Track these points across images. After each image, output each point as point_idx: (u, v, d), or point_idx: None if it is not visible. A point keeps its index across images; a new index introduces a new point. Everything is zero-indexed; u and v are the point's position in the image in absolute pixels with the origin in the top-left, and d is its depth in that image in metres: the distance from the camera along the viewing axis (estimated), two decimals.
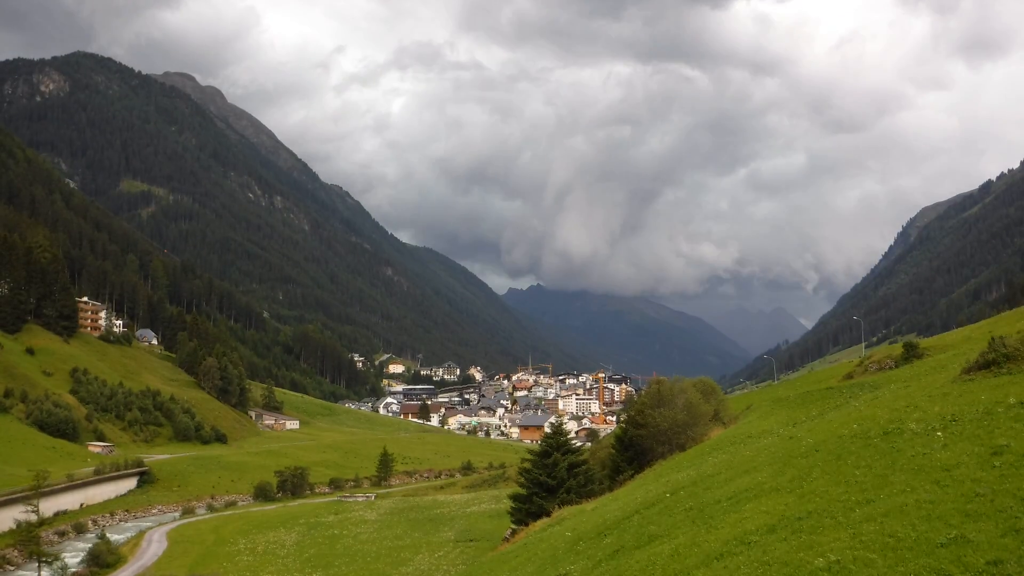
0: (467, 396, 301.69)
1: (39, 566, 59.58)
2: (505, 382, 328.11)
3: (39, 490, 70.42)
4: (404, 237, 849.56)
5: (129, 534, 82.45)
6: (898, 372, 41.60)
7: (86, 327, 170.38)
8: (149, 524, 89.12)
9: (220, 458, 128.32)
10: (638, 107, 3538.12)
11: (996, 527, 10.51)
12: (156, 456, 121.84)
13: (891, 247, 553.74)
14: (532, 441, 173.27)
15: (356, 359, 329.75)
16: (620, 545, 18.59)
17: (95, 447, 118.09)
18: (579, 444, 73.73)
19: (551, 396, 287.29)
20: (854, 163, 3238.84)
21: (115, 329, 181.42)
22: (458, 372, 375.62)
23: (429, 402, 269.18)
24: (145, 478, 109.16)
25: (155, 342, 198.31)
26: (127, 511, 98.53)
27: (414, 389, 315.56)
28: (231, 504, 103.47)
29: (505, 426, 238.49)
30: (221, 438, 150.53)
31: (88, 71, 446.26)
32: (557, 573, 19.28)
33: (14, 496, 75.75)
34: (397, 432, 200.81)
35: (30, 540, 61.29)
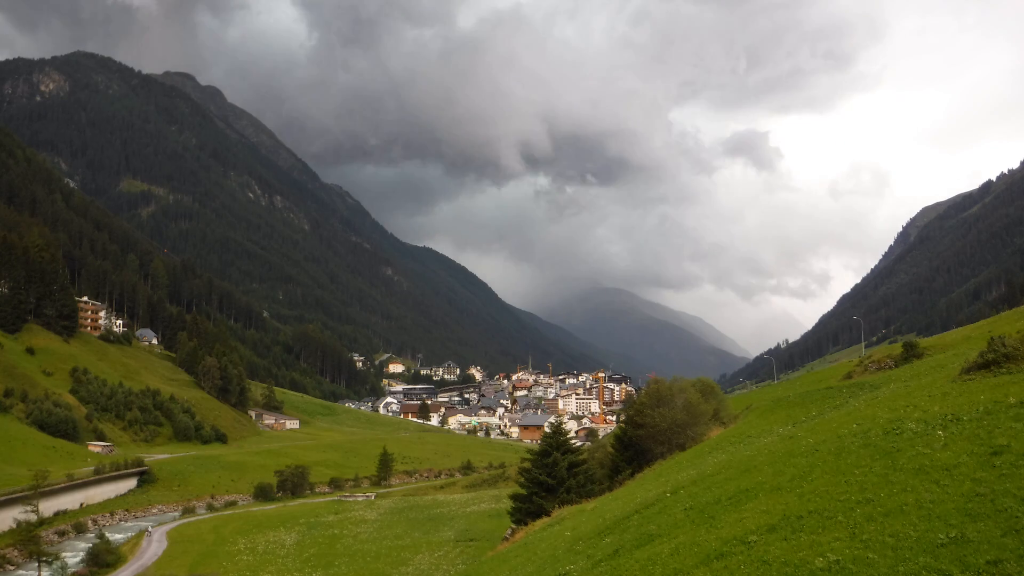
0: (467, 396, 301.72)
1: (39, 566, 59.63)
2: (505, 382, 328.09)
3: (39, 490, 70.61)
4: None
5: (129, 534, 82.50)
6: (898, 372, 41.56)
7: (86, 327, 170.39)
8: (149, 524, 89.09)
9: (220, 458, 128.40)
10: None
11: (996, 527, 10.50)
12: (156, 456, 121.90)
13: (891, 247, 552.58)
14: (532, 441, 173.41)
15: (356, 359, 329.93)
16: (620, 545, 18.56)
17: (95, 447, 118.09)
18: (579, 444, 73.60)
19: (551, 396, 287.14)
20: None
21: (115, 329, 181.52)
22: (458, 372, 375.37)
23: (429, 402, 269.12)
24: (145, 478, 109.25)
25: (155, 342, 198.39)
26: (127, 511, 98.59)
27: (414, 389, 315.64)
28: (231, 504, 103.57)
29: (505, 426, 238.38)
30: (221, 438, 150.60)
31: (88, 71, 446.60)
32: (557, 573, 19.25)
33: (14, 496, 75.77)
34: (397, 432, 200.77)
35: (30, 540, 61.34)
